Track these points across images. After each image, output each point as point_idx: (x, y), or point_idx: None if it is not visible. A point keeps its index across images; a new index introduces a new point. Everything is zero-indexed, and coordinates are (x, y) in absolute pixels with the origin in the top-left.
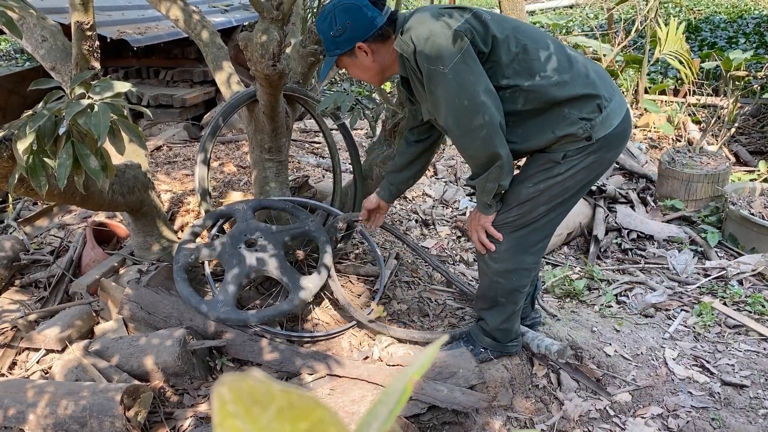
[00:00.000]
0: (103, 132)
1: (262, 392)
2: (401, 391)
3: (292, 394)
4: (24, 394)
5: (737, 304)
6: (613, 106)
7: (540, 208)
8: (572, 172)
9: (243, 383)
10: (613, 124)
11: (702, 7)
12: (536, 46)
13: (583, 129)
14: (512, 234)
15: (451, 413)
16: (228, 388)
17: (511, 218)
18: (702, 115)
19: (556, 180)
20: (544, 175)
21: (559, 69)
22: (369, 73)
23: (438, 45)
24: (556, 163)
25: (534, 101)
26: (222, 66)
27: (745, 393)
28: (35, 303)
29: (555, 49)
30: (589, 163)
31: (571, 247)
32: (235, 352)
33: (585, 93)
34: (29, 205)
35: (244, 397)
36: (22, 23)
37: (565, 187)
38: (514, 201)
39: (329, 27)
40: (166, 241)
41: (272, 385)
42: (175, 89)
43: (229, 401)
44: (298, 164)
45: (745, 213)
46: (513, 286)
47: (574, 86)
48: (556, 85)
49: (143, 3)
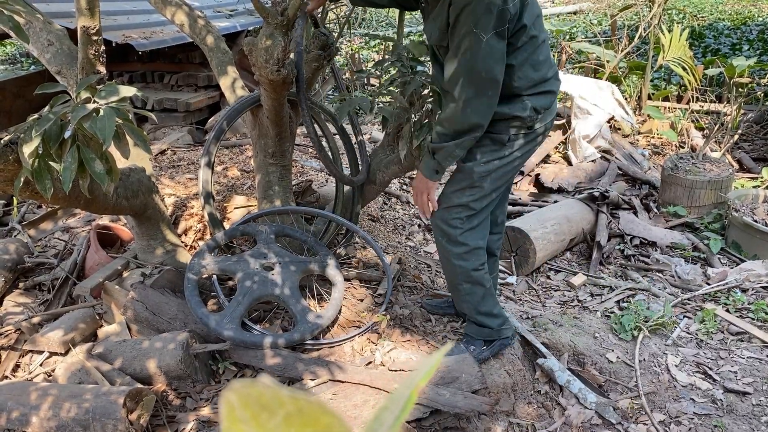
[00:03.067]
0: (109, 136)
1: (270, 398)
2: (407, 397)
3: (300, 400)
4: (27, 397)
5: (740, 311)
6: (555, 104)
7: (487, 189)
8: (515, 155)
9: (251, 389)
10: (546, 118)
11: (705, 14)
12: (542, 39)
13: (530, 118)
14: (468, 217)
15: (453, 418)
16: (236, 394)
17: (465, 200)
18: (705, 121)
19: (503, 161)
20: (493, 155)
21: (547, 65)
22: None
23: (486, 10)
24: (502, 144)
25: (514, 86)
26: (226, 71)
27: (748, 400)
28: (39, 306)
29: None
30: (526, 149)
31: (573, 253)
32: (238, 357)
33: (550, 90)
34: (33, 209)
35: (252, 403)
36: (29, 27)
37: (510, 168)
38: (467, 182)
39: None
40: (169, 244)
41: (280, 391)
42: (179, 93)
43: (238, 407)
44: (302, 169)
45: (748, 220)
46: (473, 266)
47: (547, 83)
48: (539, 81)
49: (149, 8)
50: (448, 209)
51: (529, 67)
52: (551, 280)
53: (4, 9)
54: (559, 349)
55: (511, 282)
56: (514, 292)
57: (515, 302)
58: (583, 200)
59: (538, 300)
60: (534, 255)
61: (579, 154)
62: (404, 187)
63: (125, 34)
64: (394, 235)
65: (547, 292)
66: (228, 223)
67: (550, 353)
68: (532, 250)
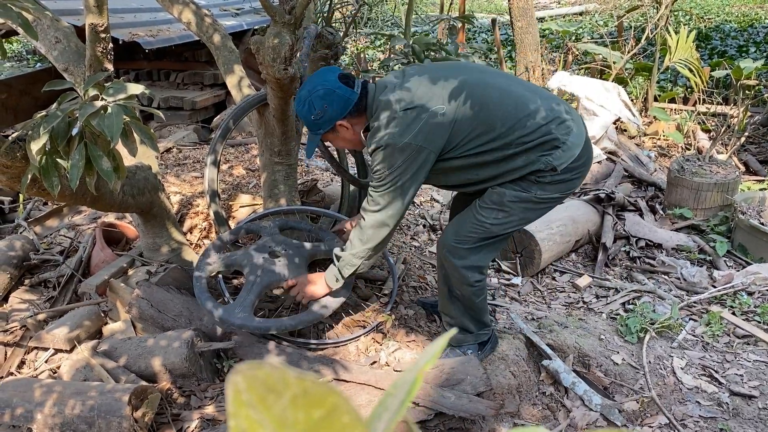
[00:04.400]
0: (116, 134)
1: (276, 380)
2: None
3: (306, 381)
4: (32, 394)
5: (746, 314)
6: (571, 139)
7: (515, 215)
8: (542, 198)
9: (258, 371)
10: (571, 155)
11: (712, 16)
12: (495, 118)
13: (544, 163)
14: (482, 239)
15: (457, 420)
16: (243, 377)
17: (488, 223)
18: (712, 123)
19: (530, 197)
20: (522, 190)
21: (515, 129)
22: (352, 142)
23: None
24: (531, 183)
25: (490, 161)
26: (233, 69)
27: (754, 403)
28: (44, 303)
29: (512, 112)
30: (559, 189)
31: (579, 255)
32: (243, 354)
33: (542, 141)
34: (39, 206)
35: (259, 385)
36: (37, 25)
37: (543, 206)
38: (497, 204)
39: (309, 112)
40: (175, 242)
41: (287, 372)
42: (185, 92)
43: (244, 390)
44: (307, 168)
45: (754, 222)
46: (467, 281)
47: (530, 138)
48: (511, 145)
49: (155, 6)
50: (467, 223)
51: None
52: (556, 281)
53: (14, 6)
54: (565, 351)
55: (516, 283)
56: (520, 293)
57: (520, 303)
58: (588, 202)
59: (544, 301)
60: (539, 256)
61: None
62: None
63: (132, 32)
64: (398, 235)
65: (552, 293)
66: (233, 222)
67: (555, 355)
68: (538, 251)
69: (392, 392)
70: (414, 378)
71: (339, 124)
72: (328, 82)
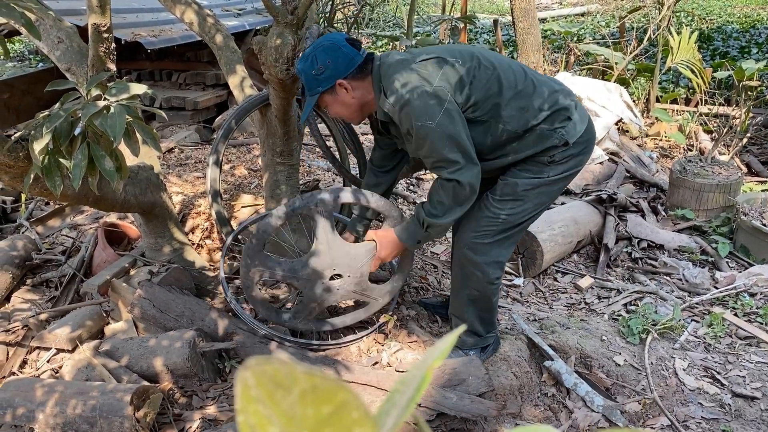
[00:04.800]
0: (119, 133)
1: (285, 375)
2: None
3: (315, 376)
4: (34, 394)
5: (748, 315)
6: (578, 114)
7: (530, 203)
8: (556, 176)
9: (266, 367)
10: (578, 129)
11: (714, 17)
12: (507, 79)
13: (558, 138)
14: (500, 231)
15: (459, 420)
16: (251, 372)
17: (504, 214)
18: (714, 124)
19: (544, 180)
20: (536, 174)
21: (527, 95)
22: (349, 110)
23: (423, 104)
24: (544, 164)
25: (511, 130)
26: (235, 69)
27: (756, 405)
28: (46, 302)
29: (522, 78)
30: (569, 168)
31: (581, 256)
32: (245, 354)
33: (554, 109)
34: (41, 205)
35: (267, 381)
36: (39, 25)
37: (555, 187)
38: (510, 196)
39: (311, 66)
40: (177, 242)
41: (295, 367)
42: (187, 92)
43: (252, 385)
44: (309, 168)
45: (756, 223)
46: (488, 279)
47: (543, 106)
48: (527, 110)
49: (158, 6)
50: (483, 219)
51: (522, 97)
52: (558, 282)
53: (17, 5)
54: (566, 352)
55: (518, 284)
56: (521, 294)
57: (522, 304)
58: (590, 202)
59: (545, 302)
60: (541, 257)
61: None
62: (410, 187)
63: (134, 32)
64: None
65: (554, 294)
66: (235, 222)
67: (557, 355)
68: (540, 252)
69: (400, 389)
70: (423, 375)
71: (339, 84)
72: (335, 39)
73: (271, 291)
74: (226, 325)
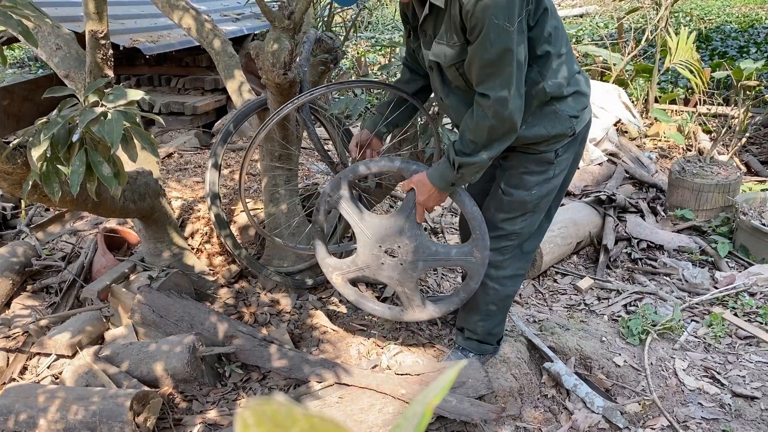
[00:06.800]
0: (117, 139)
1: (284, 415)
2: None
3: (313, 417)
4: (35, 399)
5: (748, 315)
6: (587, 106)
7: (542, 210)
8: (561, 171)
9: (265, 407)
10: (586, 118)
11: (713, 17)
12: (566, 35)
13: (570, 128)
14: (518, 244)
15: (459, 423)
16: (251, 411)
17: (518, 228)
18: (713, 124)
19: (552, 182)
20: (542, 177)
21: (571, 60)
22: None
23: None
24: (549, 163)
25: (547, 91)
26: (233, 74)
27: (756, 405)
28: (46, 308)
29: (569, 44)
30: (572, 159)
31: (580, 257)
32: (245, 358)
33: (581, 90)
34: (41, 211)
35: (266, 420)
36: (37, 32)
37: (556, 186)
38: (520, 210)
39: None
40: (176, 247)
41: (294, 408)
42: (186, 97)
43: (252, 425)
44: (308, 172)
45: (756, 223)
46: (507, 293)
47: (576, 83)
48: (566, 76)
49: (156, 12)
50: (499, 238)
51: (566, 61)
52: (558, 283)
53: (14, 13)
54: (566, 353)
55: None
56: (521, 295)
57: (522, 306)
58: (590, 203)
59: (545, 303)
60: (540, 258)
61: (586, 157)
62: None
63: (132, 37)
64: None
65: (553, 295)
66: (234, 226)
67: (557, 357)
68: (539, 254)
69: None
70: (422, 412)
71: None
72: None
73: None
74: (225, 329)
